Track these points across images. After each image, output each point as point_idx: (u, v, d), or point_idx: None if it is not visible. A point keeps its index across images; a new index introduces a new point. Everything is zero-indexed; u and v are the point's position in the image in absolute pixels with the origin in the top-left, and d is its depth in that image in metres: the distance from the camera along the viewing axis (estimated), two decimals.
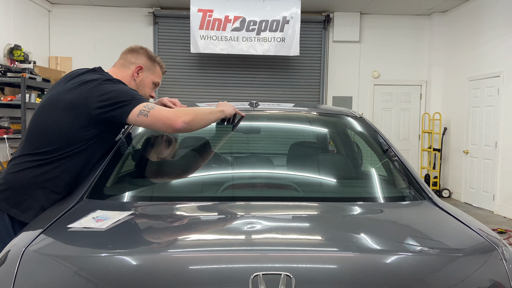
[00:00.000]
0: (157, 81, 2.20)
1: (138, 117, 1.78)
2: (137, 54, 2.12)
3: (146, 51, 2.16)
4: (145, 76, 2.13)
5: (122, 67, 2.09)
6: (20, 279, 1.14)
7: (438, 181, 8.46)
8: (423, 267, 1.22)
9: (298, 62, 8.68)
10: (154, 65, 2.17)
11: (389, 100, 9.00)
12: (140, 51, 2.14)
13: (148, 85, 2.15)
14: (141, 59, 2.12)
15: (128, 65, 2.10)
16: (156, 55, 2.21)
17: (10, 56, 6.74)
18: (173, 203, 1.72)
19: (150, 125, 1.82)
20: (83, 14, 8.38)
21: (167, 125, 1.78)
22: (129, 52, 2.13)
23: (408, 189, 1.89)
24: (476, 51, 7.57)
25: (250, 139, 2.48)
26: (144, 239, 1.39)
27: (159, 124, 1.79)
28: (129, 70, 2.08)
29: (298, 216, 1.66)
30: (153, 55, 2.18)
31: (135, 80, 2.09)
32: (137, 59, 2.11)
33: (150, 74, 2.15)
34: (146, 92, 2.16)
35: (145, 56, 2.13)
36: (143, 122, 1.80)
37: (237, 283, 1.11)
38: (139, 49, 2.15)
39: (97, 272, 1.16)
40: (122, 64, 2.10)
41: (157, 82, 2.20)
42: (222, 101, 2.24)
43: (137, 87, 2.09)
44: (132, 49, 2.15)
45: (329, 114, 2.60)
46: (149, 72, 2.14)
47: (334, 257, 1.26)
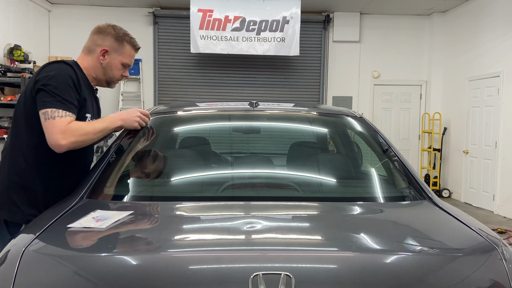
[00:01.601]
0: (126, 62, 2.08)
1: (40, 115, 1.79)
2: (103, 35, 2.01)
3: (114, 30, 2.03)
4: (112, 58, 2.02)
5: (88, 52, 2.01)
6: (20, 279, 1.14)
7: (438, 181, 8.46)
8: (423, 267, 1.22)
9: (298, 62, 8.68)
10: (122, 45, 2.04)
11: (389, 100, 9.00)
12: (107, 30, 2.02)
13: (117, 67, 2.05)
14: (107, 41, 2.00)
15: (94, 48, 2.00)
16: (126, 33, 2.09)
17: (10, 56, 6.74)
18: (173, 203, 1.72)
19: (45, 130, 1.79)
20: (83, 14, 8.38)
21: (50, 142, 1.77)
22: (95, 33, 2.02)
23: (408, 189, 1.89)
24: (476, 51, 7.57)
25: (250, 139, 2.48)
26: (144, 239, 1.39)
27: (47, 135, 1.78)
28: (94, 54, 1.99)
29: (298, 216, 1.65)
30: (121, 33, 2.05)
31: (101, 63, 2.00)
32: (103, 40, 2.00)
33: (117, 56, 2.03)
34: (115, 75, 2.07)
35: (111, 37, 2.01)
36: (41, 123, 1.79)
37: (237, 283, 1.11)
38: (106, 28, 2.03)
39: (97, 272, 1.16)
40: (88, 48, 2.02)
41: (126, 63, 2.08)
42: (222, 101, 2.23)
43: (104, 70, 2.02)
44: (98, 29, 2.03)
45: (329, 114, 2.60)
46: (116, 53, 2.03)
47: (334, 257, 1.26)
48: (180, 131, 2.63)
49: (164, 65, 8.64)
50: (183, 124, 2.61)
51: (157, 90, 8.65)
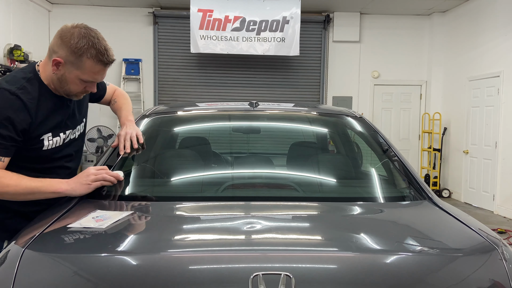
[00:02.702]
0: (85, 79, 1.70)
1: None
2: (61, 42, 1.65)
3: (73, 39, 1.62)
4: (68, 72, 1.68)
5: (48, 56, 1.72)
6: (20, 279, 1.14)
7: (438, 181, 8.46)
8: (423, 267, 1.22)
9: (298, 62, 8.68)
10: (79, 60, 1.65)
11: (389, 100, 9.00)
12: (66, 38, 1.64)
13: (74, 82, 1.70)
14: (63, 50, 1.65)
15: (51, 54, 1.69)
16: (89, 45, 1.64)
17: (10, 56, 6.74)
18: (173, 203, 1.72)
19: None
20: (83, 14, 8.37)
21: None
22: (56, 36, 1.68)
23: (408, 189, 1.89)
24: (476, 51, 7.57)
25: (250, 139, 2.48)
26: (144, 239, 1.39)
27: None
28: (50, 60, 1.69)
29: (298, 216, 1.65)
30: (80, 45, 1.62)
31: (54, 74, 1.70)
32: (59, 48, 1.65)
33: (74, 70, 1.67)
34: (72, 89, 1.73)
35: (67, 48, 1.63)
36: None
37: (237, 283, 1.11)
38: (67, 33, 1.64)
39: (97, 272, 1.16)
40: (48, 51, 1.71)
41: (86, 80, 1.71)
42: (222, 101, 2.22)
43: (60, 82, 1.71)
44: (60, 32, 1.67)
45: (329, 114, 2.60)
46: (73, 67, 1.67)
47: (334, 257, 1.26)
48: (180, 131, 2.63)
49: (164, 65, 8.64)
50: (183, 124, 2.61)
51: (157, 90, 8.65)
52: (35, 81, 1.73)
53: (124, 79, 8.51)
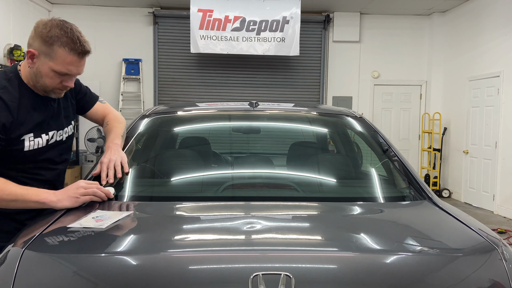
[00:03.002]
0: (58, 70, 1.64)
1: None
2: (34, 34, 1.62)
3: (45, 29, 1.60)
4: (41, 63, 1.63)
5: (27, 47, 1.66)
6: (20, 279, 1.14)
7: (438, 181, 8.46)
8: (423, 267, 1.22)
9: (298, 62, 8.68)
10: (51, 49, 1.60)
11: (389, 100, 9.00)
12: (38, 29, 1.62)
13: (47, 74, 1.64)
14: (36, 41, 1.62)
15: (28, 47, 1.65)
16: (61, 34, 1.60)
17: (10, 56, 6.74)
18: (173, 203, 1.72)
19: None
20: (83, 14, 8.38)
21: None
22: (32, 29, 1.65)
23: (408, 189, 1.89)
24: (476, 51, 7.57)
25: (250, 139, 2.48)
26: (144, 239, 1.39)
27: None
28: (27, 54, 1.65)
29: (298, 216, 1.65)
30: (51, 34, 1.59)
31: (30, 68, 1.66)
32: (33, 40, 1.63)
33: (47, 61, 1.62)
34: (48, 83, 1.67)
35: (40, 38, 1.60)
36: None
37: (237, 283, 1.11)
38: (40, 25, 1.62)
39: (96, 272, 1.16)
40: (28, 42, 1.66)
41: (60, 71, 1.64)
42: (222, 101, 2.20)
43: (35, 76, 1.67)
44: (36, 25, 1.64)
45: (329, 114, 2.60)
46: (46, 57, 1.62)
47: (334, 257, 1.26)
48: (180, 131, 2.63)
49: (164, 65, 8.64)
50: (183, 124, 2.61)
51: (157, 90, 8.65)
52: (15, 81, 1.69)
53: (124, 79, 8.50)
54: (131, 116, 8.20)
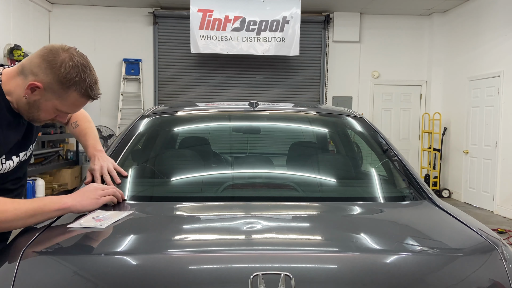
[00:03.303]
0: (63, 110, 1.50)
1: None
2: (46, 65, 1.40)
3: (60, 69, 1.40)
4: (44, 99, 1.44)
5: (20, 72, 1.44)
6: (20, 279, 1.14)
7: (438, 181, 8.46)
8: (423, 267, 1.22)
9: (298, 62, 8.68)
10: (64, 91, 1.43)
11: (389, 100, 9.01)
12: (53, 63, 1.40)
13: (47, 111, 1.47)
14: (46, 76, 1.40)
15: (27, 74, 1.42)
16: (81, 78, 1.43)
17: (10, 56, 6.74)
18: (173, 203, 1.72)
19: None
20: (83, 14, 8.38)
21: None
22: (40, 56, 1.42)
23: (408, 189, 1.89)
24: (476, 51, 7.57)
25: (250, 139, 2.48)
26: (144, 239, 1.39)
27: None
28: (24, 80, 1.42)
29: (298, 216, 1.65)
30: (70, 76, 1.41)
31: (25, 97, 1.43)
32: (43, 72, 1.40)
33: (54, 99, 1.44)
34: (42, 117, 1.49)
35: (53, 75, 1.40)
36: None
37: (237, 283, 1.11)
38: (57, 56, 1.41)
39: (96, 272, 1.16)
40: (22, 67, 1.44)
41: (64, 112, 1.51)
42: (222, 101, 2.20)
43: (29, 107, 1.45)
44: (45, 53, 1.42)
45: (329, 114, 2.59)
46: (53, 95, 1.43)
47: (334, 257, 1.26)
48: (180, 131, 2.63)
49: (164, 65, 8.64)
50: (183, 124, 2.61)
51: (157, 90, 8.65)
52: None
53: (124, 79, 8.51)
54: (131, 116, 8.20)
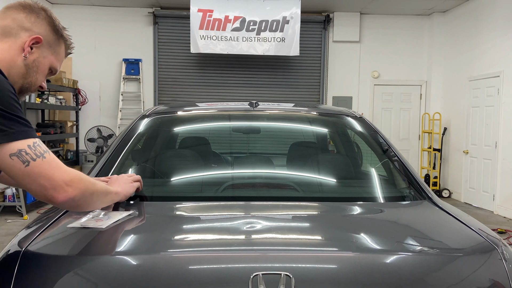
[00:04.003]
0: (56, 67, 1.39)
1: (11, 159, 1.10)
2: (35, 16, 1.30)
3: (50, 15, 1.33)
4: (43, 56, 1.32)
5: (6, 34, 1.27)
6: (19, 279, 1.14)
7: (438, 181, 8.46)
8: (423, 267, 1.22)
9: (298, 62, 8.69)
10: (59, 41, 1.36)
11: (389, 100, 9.01)
12: (41, 13, 1.31)
13: (43, 71, 1.35)
14: (41, 26, 1.30)
15: (17, 31, 1.27)
16: (63, 26, 1.37)
17: None
18: (173, 203, 1.72)
19: (23, 179, 1.13)
20: (83, 14, 8.38)
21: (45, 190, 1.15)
22: (21, 9, 1.29)
23: (408, 189, 1.89)
24: (476, 51, 7.57)
25: (250, 139, 2.49)
26: (144, 238, 1.39)
27: (35, 185, 1.14)
28: (16, 40, 1.27)
29: (298, 216, 1.65)
30: (60, 25, 1.36)
31: (25, 58, 1.27)
32: (34, 24, 1.29)
33: (49, 54, 1.34)
34: (38, 80, 1.35)
35: (47, 23, 1.32)
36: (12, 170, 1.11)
37: (237, 282, 1.11)
38: (39, 9, 1.31)
39: (96, 272, 1.16)
40: (6, 27, 1.27)
41: (55, 69, 1.39)
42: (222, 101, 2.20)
43: (27, 70, 1.29)
44: (26, 5, 1.30)
45: (329, 114, 2.60)
46: (49, 50, 1.34)
47: (334, 257, 1.26)
48: (180, 131, 2.63)
49: (164, 65, 8.65)
50: (183, 124, 2.61)
51: (157, 90, 8.65)
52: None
53: (124, 79, 8.51)
54: (131, 116, 8.21)
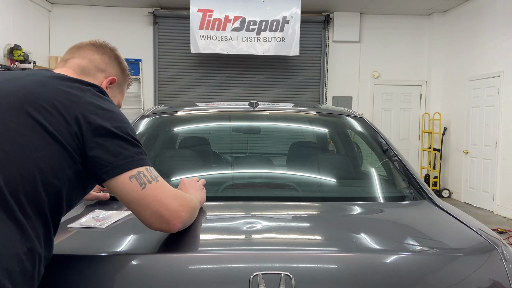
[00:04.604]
0: (121, 105, 1.44)
1: (131, 181, 1.11)
2: (108, 58, 1.36)
3: (119, 56, 1.41)
4: (113, 95, 1.38)
5: (85, 73, 1.30)
6: None
7: (438, 181, 8.46)
8: (423, 267, 1.22)
9: (298, 62, 8.68)
10: (124, 80, 1.43)
11: (389, 100, 9.01)
12: (112, 53, 1.38)
13: None
14: (113, 67, 1.37)
15: (95, 72, 1.32)
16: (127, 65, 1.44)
17: (10, 56, 6.74)
18: None
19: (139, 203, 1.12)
20: (83, 14, 8.38)
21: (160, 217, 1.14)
22: (95, 50, 1.35)
23: (408, 189, 1.89)
24: (476, 51, 7.57)
25: (250, 139, 2.49)
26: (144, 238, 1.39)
27: (149, 211, 1.13)
28: (95, 81, 1.30)
29: (298, 216, 1.66)
30: (125, 64, 1.43)
31: None
32: (108, 65, 1.36)
33: (118, 93, 1.41)
34: None
35: (117, 64, 1.39)
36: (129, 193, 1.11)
37: (237, 282, 1.11)
38: (109, 49, 1.38)
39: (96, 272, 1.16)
40: (81, 69, 1.30)
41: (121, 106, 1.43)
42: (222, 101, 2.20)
43: None
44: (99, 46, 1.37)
45: (329, 114, 2.59)
46: (118, 89, 1.41)
47: (334, 257, 1.26)
48: (180, 131, 2.63)
49: (164, 65, 8.64)
50: (183, 124, 2.61)
51: (157, 90, 8.65)
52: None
53: None
54: (131, 116, 8.21)
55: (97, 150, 1.09)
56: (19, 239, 0.97)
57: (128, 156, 1.12)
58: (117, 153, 1.11)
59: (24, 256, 0.98)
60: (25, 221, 1.00)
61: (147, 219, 1.15)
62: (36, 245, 1.02)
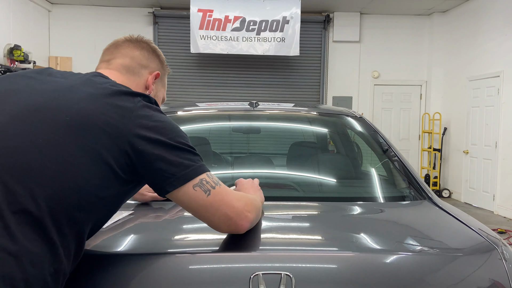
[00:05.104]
0: (165, 97, 1.45)
1: (195, 190, 1.12)
2: (147, 52, 1.35)
3: (156, 48, 1.40)
4: (158, 89, 1.39)
5: (130, 72, 1.30)
6: None
7: (438, 181, 8.46)
8: (423, 267, 1.22)
9: (298, 62, 8.69)
10: (165, 72, 1.42)
11: (389, 100, 9.01)
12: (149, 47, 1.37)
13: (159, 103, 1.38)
14: (154, 61, 1.37)
15: (139, 70, 1.31)
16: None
17: (10, 56, 6.75)
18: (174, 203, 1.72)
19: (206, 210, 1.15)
20: (83, 14, 8.38)
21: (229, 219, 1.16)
22: (132, 46, 1.34)
23: (408, 189, 1.89)
24: (476, 51, 7.57)
25: (250, 139, 2.49)
26: (144, 238, 1.39)
27: (218, 215, 1.15)
28: (140, 79, 1.31)
29: (298, 215, 1.66)
30: (162, 54, 1.43)
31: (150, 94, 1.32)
32: (149, 60, 1.35)
33: (161, 86, 1.41)
34: None
35: (156, 57, 1.38)
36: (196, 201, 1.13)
37: (237, 282, 1.11)
38: (145, 43, 1.38)
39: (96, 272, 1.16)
40: (126, 68, 1.29)
41: (165, 99, 1.46)
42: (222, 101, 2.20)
43: None
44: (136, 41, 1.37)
45: (329, 114, 2.59)
46: (161, 82, 1.40)
47: (334, 256, 1.26)
48: None
49: None
50: (183, 124, 2.60)
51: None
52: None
53: None
54: None
55: (158, 163, 1.09)
56: (48, 260, 0.97)
57: (189, 165, 1.13)
58: (178, 163, 1.11)
59: (50, 278, 0.98)
60: (59, 241, 0.99)
61: (216, 223, 1.18)
62: (64, 265, 1.02)
